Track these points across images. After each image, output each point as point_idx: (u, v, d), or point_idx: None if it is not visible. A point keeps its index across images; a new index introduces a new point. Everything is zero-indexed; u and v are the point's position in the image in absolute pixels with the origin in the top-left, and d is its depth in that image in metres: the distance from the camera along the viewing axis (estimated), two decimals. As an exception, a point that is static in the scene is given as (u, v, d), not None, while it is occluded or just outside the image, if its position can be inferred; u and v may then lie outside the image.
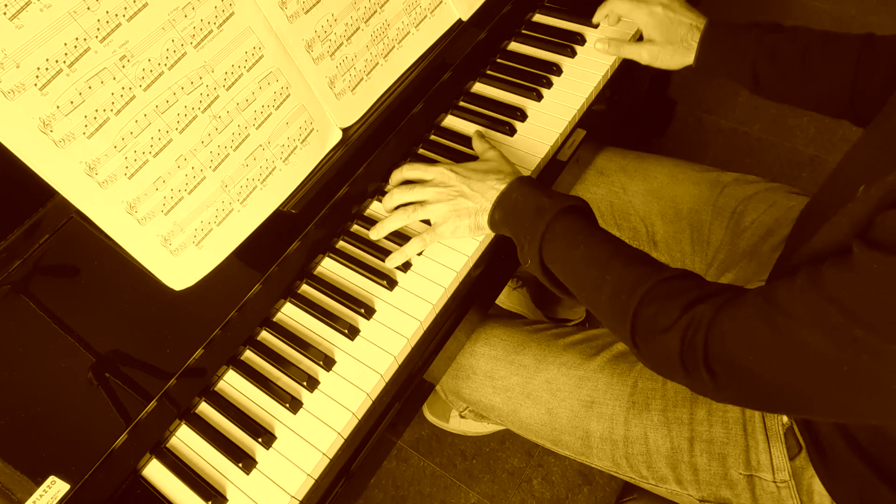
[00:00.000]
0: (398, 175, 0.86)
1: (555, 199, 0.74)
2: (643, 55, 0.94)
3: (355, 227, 0.87)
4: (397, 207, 0.83)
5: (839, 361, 0.51)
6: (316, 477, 0.69)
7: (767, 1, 2.09)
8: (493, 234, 0.84)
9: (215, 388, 0.75)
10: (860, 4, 2.04)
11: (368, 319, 0.78)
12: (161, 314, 0.69)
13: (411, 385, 0.77)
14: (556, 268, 0.73)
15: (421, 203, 0.82)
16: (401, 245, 0.81)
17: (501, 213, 0.78)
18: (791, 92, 0.86)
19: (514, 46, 1.04)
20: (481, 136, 0.90)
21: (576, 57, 1.00)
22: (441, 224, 0.81)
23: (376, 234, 0.83)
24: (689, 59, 0.91)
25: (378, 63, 0.85)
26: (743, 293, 0.60)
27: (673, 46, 0.91)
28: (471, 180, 0.80)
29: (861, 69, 0.80)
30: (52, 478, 0.61)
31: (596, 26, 1.03)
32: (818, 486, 0.72)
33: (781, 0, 2.10)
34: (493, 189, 0.79)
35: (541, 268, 0.74)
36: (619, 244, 0.71)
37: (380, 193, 0.89)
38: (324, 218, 0.81)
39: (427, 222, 0.84)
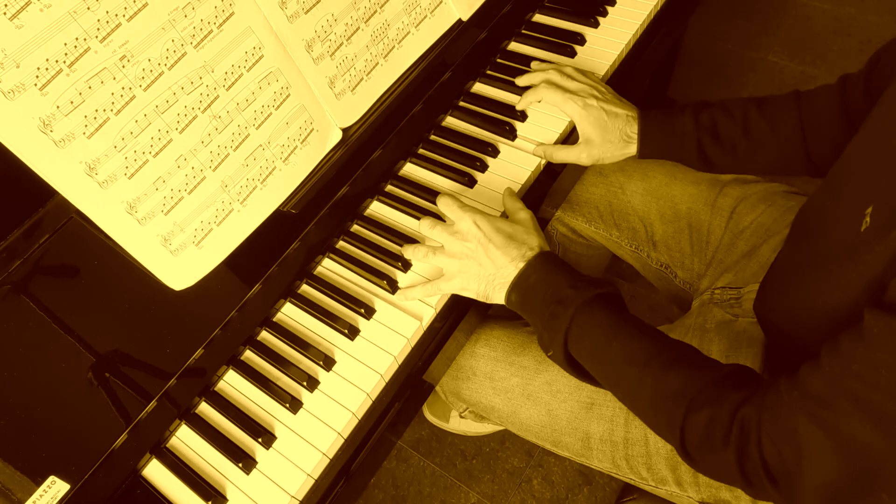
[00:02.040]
0: (440, 202, 0.81)
1: (579, 290, 0.69)
2: (582, 157, 0.88)
3: (355, 227, 0.87)
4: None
5: (890, 443, 0.50)
6: (316, 477, 0.69)
7: (767, 1, 2.09)
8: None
9: (215, 388, 0.75)
10: (860, 4, 2.04)
11: (368, 319, 0.78)
12: (161, 314, 0.69)
13: (411, 385, 0.77)
14: (585, 364, 0.69)
15: (442, 247, 0.78)
16: (400, 245, 0.81)
17: (518, 296, 0.73)
18: (743, 163, 0.85)
19: (515, 46, 1.04)
20: (513, 193, 0.85)
21: (576, 57, 1.00)
22: (449, 280, 0.77)
23: (409, 254, 0.80)
24: (630, 150, 0.88)
25: (378, 63, 0.85)
26: (769, 384, 0.58)
27: (612, 143, 0.87)
28: (490, 245, 0.74)
29: (807, 126, 0.80)
30: (52, 478, 0.61)
31: (597, 26, 1.03)
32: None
33: (781, 0, 2.10)
34: (510, 265, 0.73)
35: (567, 362, 0.70)
36: (656, 338, 0.66)
37: (380, 193, 0.89)
38: (324, 218, 0.81)
39: None
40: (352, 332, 0.76)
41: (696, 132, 0.84)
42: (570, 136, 0.94)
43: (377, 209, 0.88)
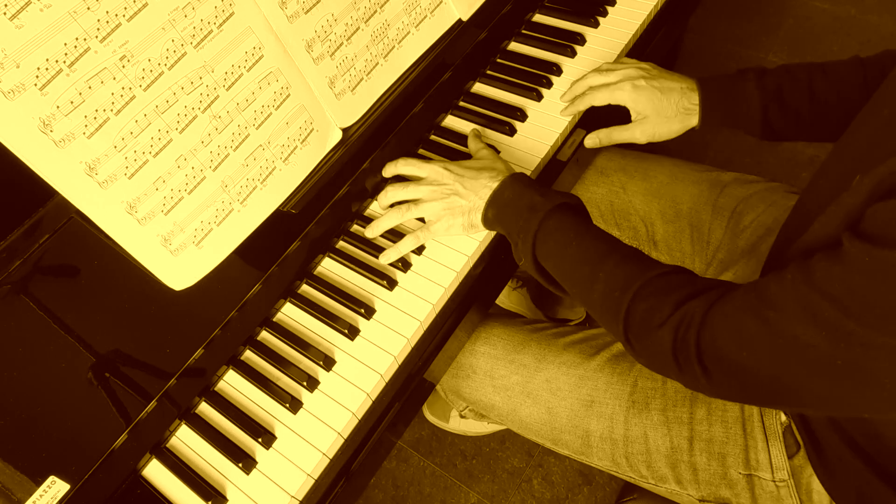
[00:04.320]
0: (391, 168, 0.86)
1: (547, 197, 0.74)
2: (637, 135, 0.88)
3: (355, 227, 0.87)
4: (392, 205, 0.83)
5: (831, 355, 0.51)
6: (316, 477, 0.69)
7: (767, 1, 2.09)
8: (492, 234, 0.84)
9: (215, 388, 0.75)
10: (860, 4, 2.04)
11: (368, 319, 0.78)
12: (161, 314, 0.69)
13: (411, 385, 0.77)
14: (549, 265, 0.73)
15: (415, 201, 0.82)
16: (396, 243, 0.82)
17: (494, 210, 0.78)
18: (805, 130, 0.84)
19: (515, 46, 1.04)
20: (477, 134, 0.91)
21: (576, 57, 1.00)
22: (435, 222, 0.81)
23: (371, 232, 0.83)
24: (690, 122, 0.86)
25: (378, 63, 0.85)
26: (735, 288, 0.60)
27: (668, 117, 0.86)
28: (464, 178, 0.80)
29: (872, 89, 0.78)
30: (52, 478, 0.61)
31: (597, 26, 1.03)
32: (817, 485, 0.72)
33: (781, 0, 2.10)
34: (485, 187, 0.79)
35: (535, 265, 0.74)
36: (611, 241, 0.71)
37: (380, 193, 0.89)
38: (324, 218, 0.81)
39: (422, 220, 0.83)
40: (352, 332, 0.76)
41: (761, 99, 0.83)
42: (569, 138, 0.94)
43: (377, 209, 0.88)
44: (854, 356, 0.50)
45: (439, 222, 0.81)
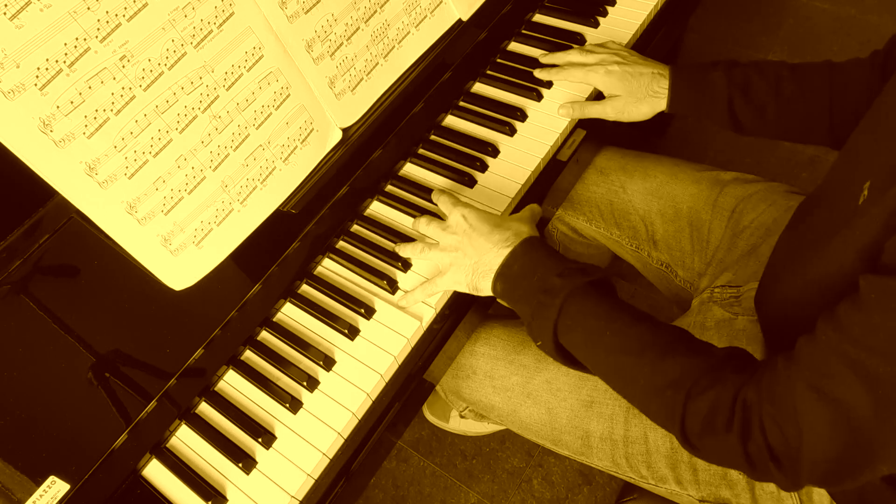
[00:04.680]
0: (436, 196, 0.83)
1: (565, 278, 0.67)
2: (607, 111, 0.91)
3: (355, 227, 0.87)
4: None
5: (885, 410, 0.49)
6: (316, 477, 0.69)
7: (767, 1, 2.09)
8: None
9: (215, 388, 0.75)
10: (860, 4, 2.04)
11: (368, 319, 0.78)
12: (161, 314, 0.69)
13: (411, 385, 0.77)
14: (577, 354, 0.68)
15: (436, 243, 0.79)
16: (398, 244, 0.82)
17: (503, 285, 0.72)
18: (769, 126, 0.86)
19: (515, 46, 1.04)
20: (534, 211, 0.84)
21: (576, 57, 1.00)
22: (443, 275, 0.77)
23: (403, 251, 0.81)
24: (658, 106, 0.90)
25: (378, 63, 0.85)
26: (773, 363, 0.57)
27: (638, 99, 0.90)
28: (475, 233, 0.75)
29: (835, 95, 0.80)
30: (52, 478, 0.61)
31: (597, 26, 1.03)
32: (817, 487, 0.72)
33: (781, 0, 2.10)
34: (491, 252, 0.73)
35: (557, 353, 0.69)
36: (649, 325, 0.65)
37: (380, 193, 0.89)
38: (324, 218, 0.81)
39: None
40: (352, 332, 0.76)
41: (727, 89, 0.85)
42: (569, 138, 0.94)
43: (377, 209, 0.88)
44: None
45: (444, 277, 0.77)
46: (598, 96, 0.96)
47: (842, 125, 0.81)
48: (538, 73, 0.98)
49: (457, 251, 0.76)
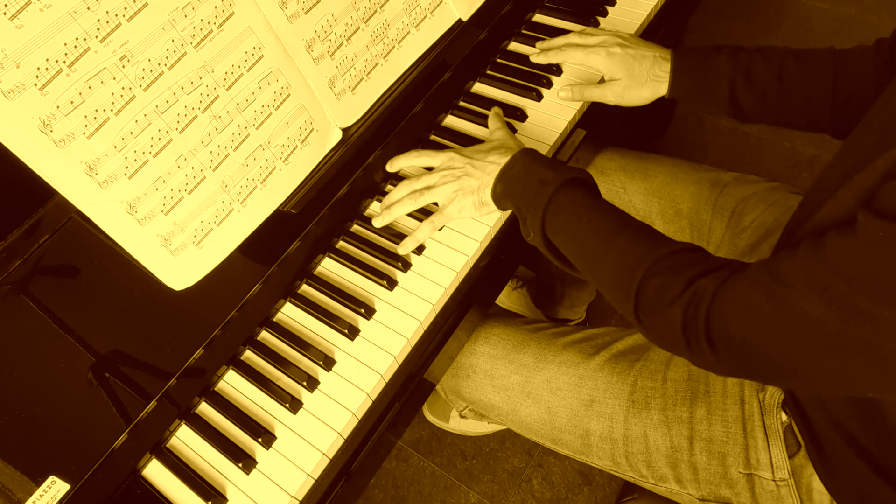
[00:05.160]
0: (403, 160, 0.87)
1: (558, 171, 0.74)
2: (607, 95, 0.91)
3: (355, 227, 0.87)
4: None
5: (840, 331, 0.51)
6: (316, 477, 0.69)
7: (768, 1, 2.09)
8: (492, 234, 0.84)
9: (215, 388, 0.75)
10: (860, 4, 2.04)
11: (368, 319, 0.78)
12: (161, 314, 0.69)
13: (411, 385, 0.77)
14: (558, 240, 0.73)
15: (427, 188, 0.82)
16: (398, 244, 0.82)
17: (503, 185, 0.78)
18: (771, 112, 0.85)
19: (515, 46, 1.04)
20: (498, 113, 0.91)
21: (575, 57, 1.00)
22: (447, 205, 0.81)
23: (382, 220, 0.83)
24: (660, 90, 0.89)
25: (378, 63, 0.85)
26: (746, 266, 0.60)
27: (639, 83, 0.89)
28: (474, 158, 0.81)
29: (839, 83, 0.80)
30: (52, 478, 0.61)
31: (597, 26, 1.03)
32: (817, 485, 0.72)
33: (781, 0, 2.10)
34: (494, 163, 0.79)
35: (543, 241, 0.74)
36: (623, 217, 0.70)
37: (380, 193, 0.89)
38: (324, 218, 0.81)
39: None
40: (352, 332, 0.76)
41: (730, 73, 0.84)
42: (569, 138, 0.94)
43: (377, 209, 0.88)
44: (863, 332, 0.50)
45: (451, 205, 0.81)
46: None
47: (844, 113, 0.81)
48: (535, 58, 0.98)
49: (462, 178, 0.81)
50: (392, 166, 0.87)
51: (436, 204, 0.84)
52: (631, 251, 0.66)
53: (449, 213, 0.82)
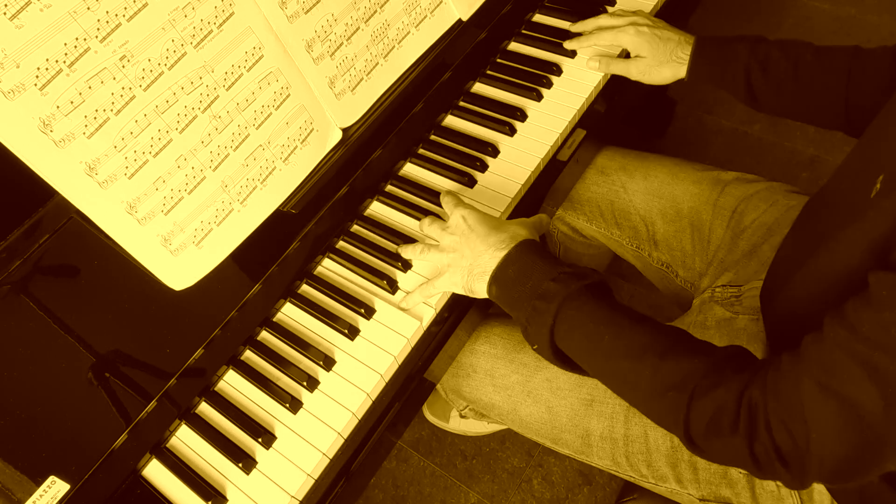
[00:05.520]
0: (443, 201, 0.83)
1: (560, 282, 0.66)
2: (631, 70, 0.95)
3: (355, 227, 0.87)
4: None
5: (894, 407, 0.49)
6: (316, 477, 0.69)
7: (768, 1, 2.09)
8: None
9: (215, 388, 0.75)
10: (860, 4, 2.04)
11: (368, 319, 0.78)
12: (161, 314, 0.69)
13: (411, 385, 0.77)
14: (575, 358, 0.68)
15: (437, 244, 0.79)
16: (398, 244, 0.82)
17: (498, 290, 0.71)
18: (785, 104, 0.86)
19: (515, 46, 1.04)
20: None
21: (576, 57, 1.00)
22: (440, 276, 0.77)
23: (404, 253, 0.81)
24: (680, 72, 0.92)
25: (378, 63, 0.85)
26: (777, 362, 0.57)
27: (661, 62, 0.93)
28: (472, 234, 0.75)
29: (853, 81, 0.80)
30: (52, 478, 0.61)
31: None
32: (818, 485, 0.72)
33: (781, 0, 2.10)
34: (486, 254, 0.73)
35: (554, 357, 0.69)
36: (648, 328, 0.64)
37: (380, 193, 0.89)
38: (324, 218, 0.81)
39: None
40: (352, 332, 0.76)
41: (747, 61, 0.86)
42: (569, 138, 0.94)
43: (377, 209, 0.88)
44: None
45: (441, 279, 0.76)
46: (607, 88, 0.96)
47: (858, 111, 0.81)
48: (568, 45, 1.00)
49: (454, 252, 0.75)
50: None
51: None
52: (669, 372, 0.61)
53: (438, 285, 0.77)
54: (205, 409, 0.74)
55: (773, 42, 0.86)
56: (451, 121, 0.97)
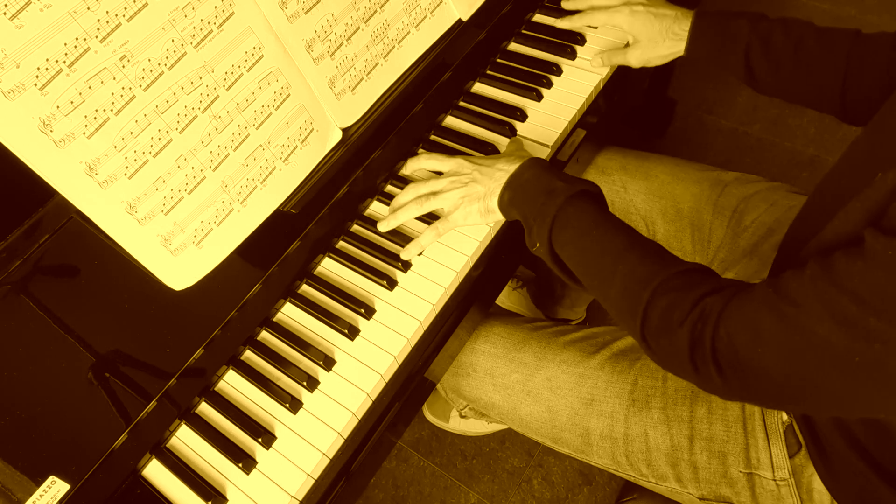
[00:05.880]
0: (414, 163, 0.87)
1: (568, 183, 0.73)
2: (630, 59, 0.94)
3: (355, 227, 0.87)
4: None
5: (850, 352, 0.50)
6: (316, 477, 0.69)
7: (767, 1, 2.09)
8: (492, 233, 0.84)
9: (215, 388, 0.75)
10: (860, 4, 2.04)
11: (368, 319, 0.78)
12: (161, 314, 0.69)
13: (411, 385, 0.77)
14: (565, 253, 0.72)
15: (434, 193, 0.82)
16: (403, 245, 0.81)
17: (511, 193, 0.77)
18: (782, 84, 0.85)
19: (514, 46, 1.04)
20: (516, 140, 0.91)
21: (576, 57, 1.00)
22: (453, 211, 0.81)
23: (387, 225, 0.83)
24: (678, 48, 0.91)
25: (378, 63, 0.85)
26: (753, 286, 0.59)
27: (658, 40, 0.91)
28: (483, 165, 0.81)
29: (852, 64, 0.80)
30: (52, 478, 0.61)
31: (596, 27, 1.03)
32: (818, 484, 0.72)
33: (781, 0, 2.10)
34: (503, 170, 0.79)
35: (550, 253, 0.73)
36: (632, 234, 0.69)
37: (380, 193, 0.89)
38: (324, 218, 0.81)
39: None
40: (352, 332, 0.76)
41: (748, 37, 0.85)
42: (569, 138, 0.94)
43: (377, 209, 0.88)
44: (873, 353, 0.49)
45: (457, 211, 0.81)
46: (606, 88, 0.96)
47: (854, 98, 0.80)
48: (560, 23, 1.00)
49: (469, 184, 0.80)
50: (405, 169, 0.88)
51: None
52: (639, 270, 0.65)
53: (454, 219, 0.81)
54: (205, 409, 0.74)
55: (775, 20, 0.85)
56: (452, 121, 0.97)
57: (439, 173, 0.86)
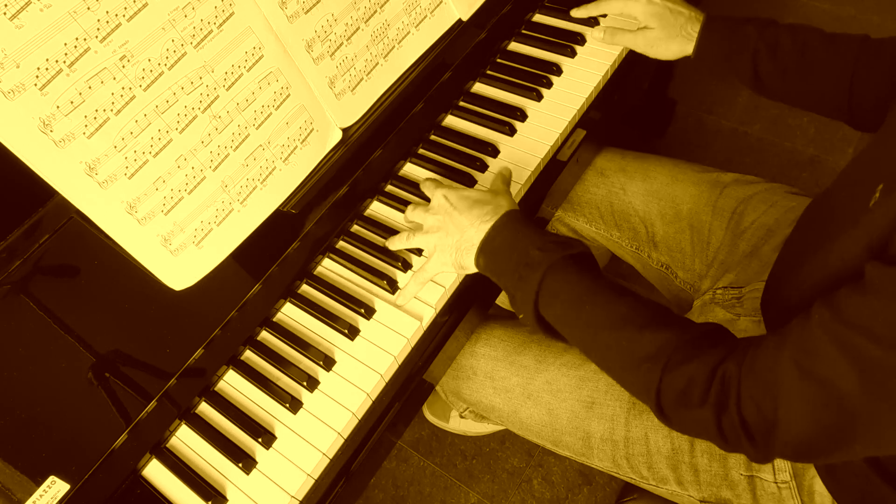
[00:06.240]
0: (422, 185, 0.84)
1: (545, 251, 0.68)
2: (638, 42, 0.94)
3: (355, 227, 0.87)
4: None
5: (872, 395, 0.49)
6: (316, 477, 0.69)
7: (767, 1, 2.09)
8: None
9: (215, 388, 0.75)
10: (860, 4, 2.04)
11: (368, 319, 0.77)
12: (161, 314, 0.69)
13: (411, 385, 0.77)
14: (558, 327, 0.69)
15: (420, 227, 0.79)
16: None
17: (485, 259, 0.72)
18: (789, 90, 0.86)
19: (515, 46, 1.04)
20: (501, 175, 0.83)
21: (576, 57, 1.00)
22: (429, 258, 0.77)
23: (392, 244, 0.81)
24: (687, 49, 0.91)
25: (378, 63, 0.85)
26: (761, 340, 0.58)
27: (670, 36, 0.91)
28: (455, 212, 0.75)
29: (859, 69, 0.80)
30: (52, 478, 0.61)
31: (597, 25, 1.03)
32: (819, 487, 0.72)
33: (781, 0, 2.10)
34: (471, 228, 0.73)
35: (538, 325, 0.70)
36: (628, 298, 0.65)
37: (380, 193, 0.89)
38: (324, 218, 0.81)
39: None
40: (352, 332, 0.76)
41: (756, 42, 0.85)
42: (569, 138, 0.94)
43: (377, 209, 0.88)
44: (892, 385, 0.49)
45: (432, 260, 0.76)
46: (607, 87, 0.95)
47: (862, 102, 0.80)
48: (575, 13, 1.00)
49: (439, 231, 0.76)
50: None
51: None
52: (644, 342, 0.62)
53: (429, 269, 0.76)
54: (205, 409, 0.74)
55: (783, 26, 0.85)
56: (452, 121, 0.97)
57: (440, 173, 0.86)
